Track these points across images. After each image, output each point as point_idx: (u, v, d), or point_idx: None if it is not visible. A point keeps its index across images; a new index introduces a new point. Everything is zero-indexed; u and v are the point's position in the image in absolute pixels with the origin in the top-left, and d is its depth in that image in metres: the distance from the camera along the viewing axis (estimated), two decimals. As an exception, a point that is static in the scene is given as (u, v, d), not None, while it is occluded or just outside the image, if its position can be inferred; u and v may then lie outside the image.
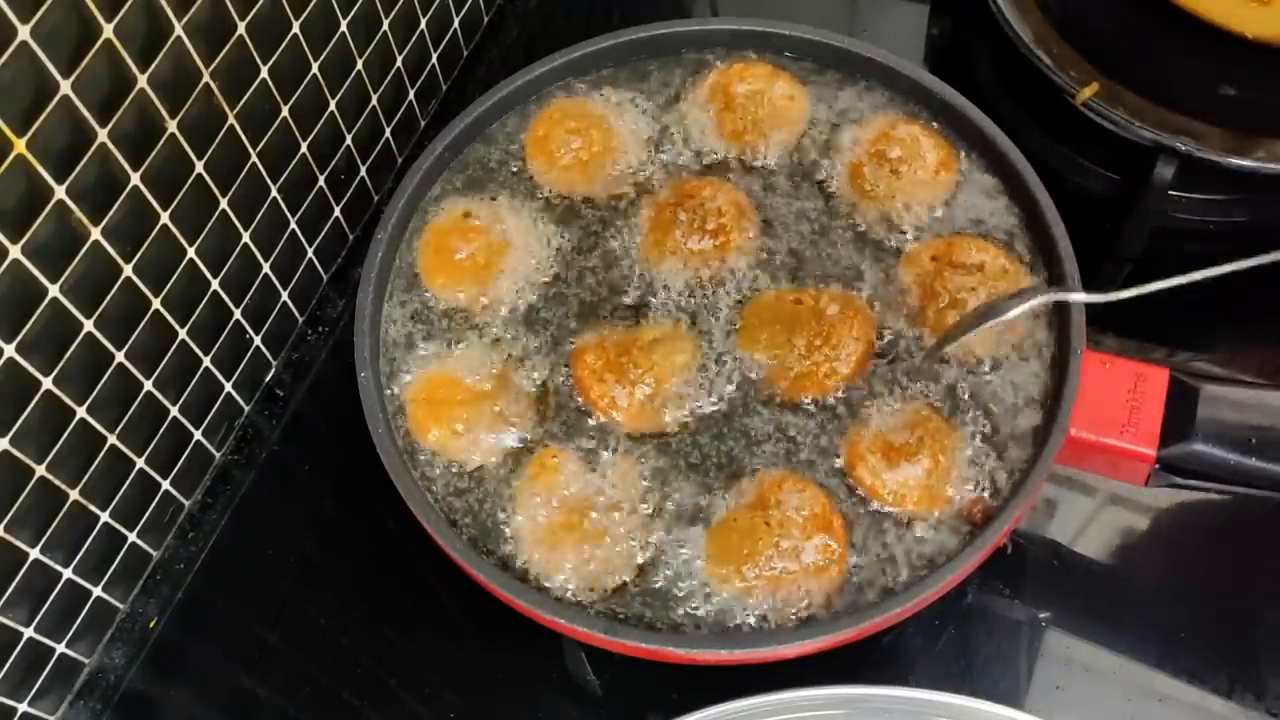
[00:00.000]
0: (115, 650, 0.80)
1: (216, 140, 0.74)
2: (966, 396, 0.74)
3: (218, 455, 0.86)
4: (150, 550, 0.82)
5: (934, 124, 0.84)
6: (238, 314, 0.83)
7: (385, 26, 0.89)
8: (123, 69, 0.65)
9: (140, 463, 0.77)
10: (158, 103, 0.68)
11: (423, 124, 1.00)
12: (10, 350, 0.64)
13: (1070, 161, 0.95)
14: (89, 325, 0.69)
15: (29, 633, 0.72)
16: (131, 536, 0.79)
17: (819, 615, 0.68)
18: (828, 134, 0.84)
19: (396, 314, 0.79)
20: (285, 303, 0.88)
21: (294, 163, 0.83)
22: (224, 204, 0.77)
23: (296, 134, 0.82)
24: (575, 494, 0.72)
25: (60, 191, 0.63)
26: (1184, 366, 0.75)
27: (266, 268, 0.84)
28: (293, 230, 0.86)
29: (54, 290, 0.65)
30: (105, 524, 0.76)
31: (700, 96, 0.85)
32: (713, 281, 0.79)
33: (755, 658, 0.67)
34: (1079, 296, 0.72)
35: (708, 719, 0.66)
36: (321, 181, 0.88)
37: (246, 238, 0.81)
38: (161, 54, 0.67)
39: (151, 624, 0.81)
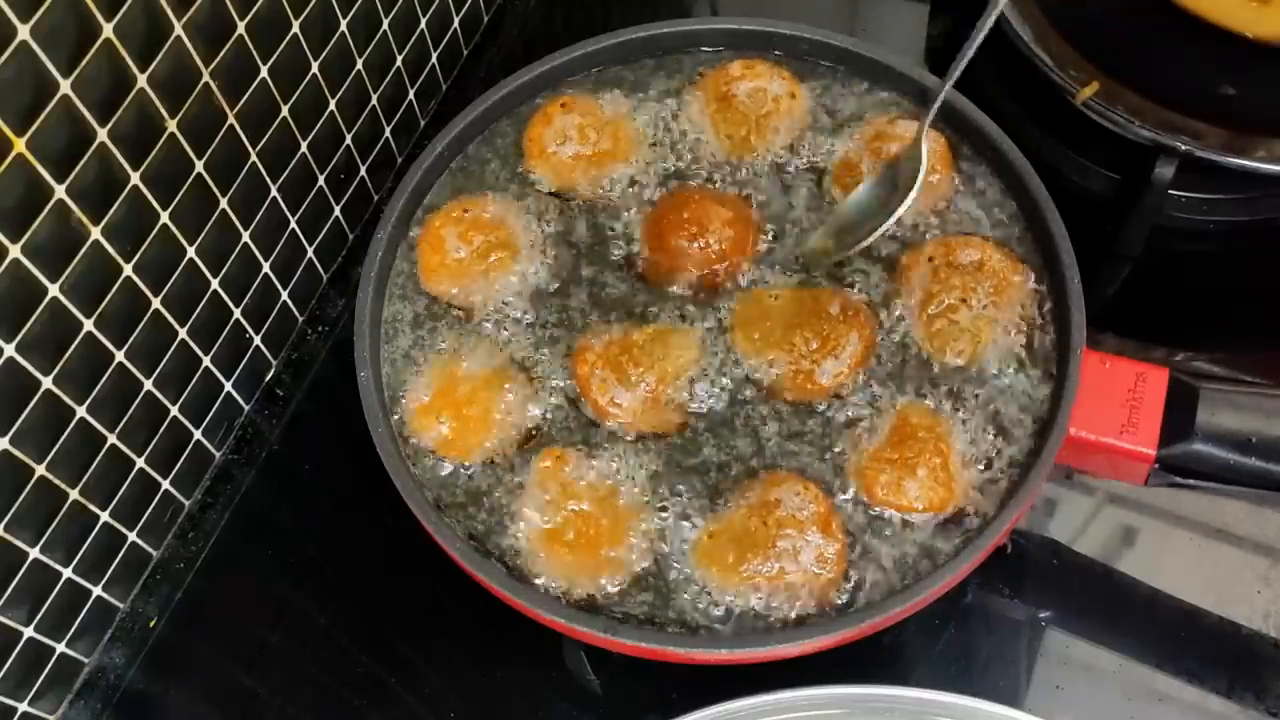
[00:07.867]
0: (115, 650, 0.80)
1: (216, 140, 0.74)
2: (966, 396, 0.74)
3: (218, 455, 0.86)
4: (150, 550, 0.82)
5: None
6: (238, 314, 0.83)
7: (385, 26, 0.89)
8: (122, 68, 0.65)
9: (140, 462, 0.77)
10: (157, 102, 0.68)
11: (423, 124, 1.00)
12: (10, 350, 0.64)
13: (1070, 161, 0.95)
14: (89, 325, 0.69)
15: (29, 632, 0.72)
16: (131, 536, 0.79)
17: (818, 615, 0.68)
18: (828, 133, 0.84)
19: (396, 314, 0.79)
20: (285, 302, 0.88)
21: (294, 162, 0.83)
22: (224, 204, 0.77)
23: (296, 134, 0.82)
24: (575, 494, 0.71)
25: (60, 191, 0.63)
26: (1184, 366, 0.75)
27: (266, 267, 0.84)
28: (293, 230, 0.86)
29: (54, 290, 0.65)
30: (105, 524, 0.76)
31: (700, 96, 0.85)
32: (713, 281, 0.79)
33: (755, 657, 0.67)
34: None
35: (708, 719, 0.66)
36: (321, 181, 0.88)
37: (246, 237, 0.81)
38: (161, 54, 0.67)
39: (151, 624, 0.81)
